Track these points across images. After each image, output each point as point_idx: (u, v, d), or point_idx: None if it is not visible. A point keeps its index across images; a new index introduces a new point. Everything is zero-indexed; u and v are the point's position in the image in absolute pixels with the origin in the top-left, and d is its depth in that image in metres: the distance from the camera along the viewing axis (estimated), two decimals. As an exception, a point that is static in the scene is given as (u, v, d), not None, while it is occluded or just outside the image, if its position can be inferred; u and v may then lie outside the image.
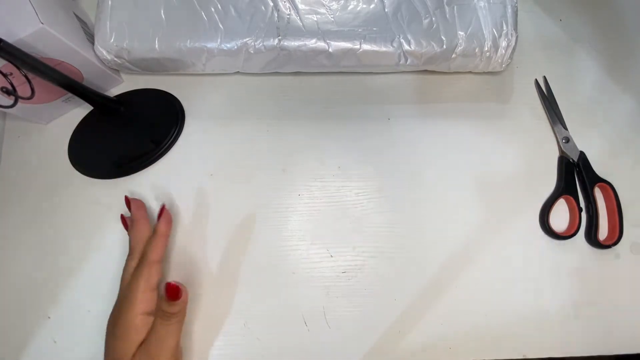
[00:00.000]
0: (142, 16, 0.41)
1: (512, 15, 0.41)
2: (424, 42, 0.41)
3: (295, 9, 0.41)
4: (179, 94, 0.45)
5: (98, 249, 0.40)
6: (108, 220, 0.41)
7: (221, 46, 0.40)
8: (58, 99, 0.42)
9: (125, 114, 0.43)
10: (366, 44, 0.40)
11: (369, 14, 0.41)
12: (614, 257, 0.41)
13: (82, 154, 0.43)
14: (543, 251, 0.41)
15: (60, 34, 0.36)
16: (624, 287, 0.40)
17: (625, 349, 0.39)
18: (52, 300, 0.39)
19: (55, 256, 0.40)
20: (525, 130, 0.44)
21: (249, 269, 0.39)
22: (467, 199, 0.41)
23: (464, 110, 0.44)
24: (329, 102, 0.45)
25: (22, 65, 0.33)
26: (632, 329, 0.39)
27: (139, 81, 0.45)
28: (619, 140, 0.44)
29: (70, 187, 0.42)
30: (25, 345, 0.38)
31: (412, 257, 0.40)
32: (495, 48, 0.41)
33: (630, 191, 0.42)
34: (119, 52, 0.41)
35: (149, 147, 0.42)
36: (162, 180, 0.42)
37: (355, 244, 0.40)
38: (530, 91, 0.46)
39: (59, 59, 0.38)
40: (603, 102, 0.46)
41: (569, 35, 0.48)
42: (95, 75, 0.42)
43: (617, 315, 0.39)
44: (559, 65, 0.47)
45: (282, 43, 0.40)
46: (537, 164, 0.43)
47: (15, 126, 0.44)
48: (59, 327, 0.38)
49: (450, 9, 0.41)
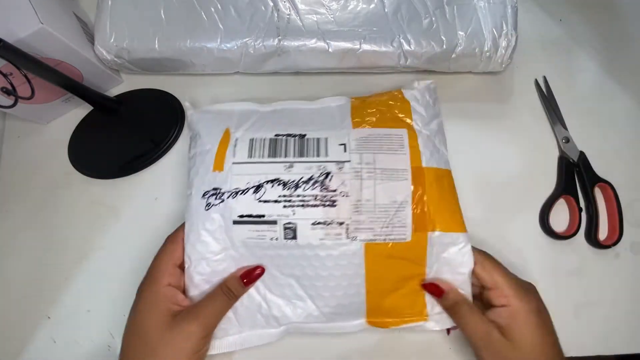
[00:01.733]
0: (142, 16, 0.41)
1: (512, 15, 0.41)
2: (424, 42, 0.41)
3: (295, 9, 0.41)
4: (179, 94, 0.45)
5: (98, 249, 0.40)
6: (108, 220, 0.41)
7: (221, 46, 0.40)
8: (58, 99, 0.42)
9: (125, 114, 0.43)
10: (366, 44, 0.40)
11: (369, 14, 0.41)
12: (614, 257, 0.41)
13: (82, 154, 0.43)
14: (543, 251, 0.41)
15: (60, 34, 0.36)
16: (624, 287, 0.40)
17: (625, 349, 0.38)
18: (52, 300, 0.39)
19: (55, 256, 0.40)
20: (525, 130, 0.44)
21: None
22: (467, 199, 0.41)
23: (464, 110, 0.44)
24: (329, 102, 0.45)
25: (22, 65, 0.33)
26: (632, 329, 0.39)
27: (139, 81, 0.45)
28: (619, 140, 0.44)
29: (70, 187, 0.42)
30: (25, 345, 0.38)
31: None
32: (495, 48, 0.41)
33: (631, 191, 0.42)
34: (119, 52, 0.41)
35: (149, 147, 0.42)
36: (162, 180, 0.42)
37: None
38: (530, 91, 0.46)
39: (59, 59, 0.38)
40: (603, 102, 0.46)
41: (569, 35, 0.48)
42: (95, 75, 0.42)
43: (617, 315, 0.39)
44: (559, 65, 0.47)
45: (282, 43, 0.40)
46: (537, 164, 0.43)
47: (15, 126, 0.44)
48: (59, 327, 0.38)
49: (450, 8, 0.41)
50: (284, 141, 0.35)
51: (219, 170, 0.34)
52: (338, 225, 0.33)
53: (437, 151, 0.36)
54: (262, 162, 0.34)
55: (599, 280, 0.40)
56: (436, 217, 0.34)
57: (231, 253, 0.34)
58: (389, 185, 0.34)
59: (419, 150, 0.35)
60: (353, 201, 0.33)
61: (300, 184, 0.33)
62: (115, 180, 0.42)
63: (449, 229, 0.34)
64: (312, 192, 0.33)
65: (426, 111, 0.38)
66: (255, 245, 0.33)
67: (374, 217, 0.33)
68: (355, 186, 0.33)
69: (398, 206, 0.33)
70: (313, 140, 0.35)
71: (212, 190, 0.34)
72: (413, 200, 0.34)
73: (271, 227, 0.33)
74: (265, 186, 0.33)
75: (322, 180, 0.33)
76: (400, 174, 0.34)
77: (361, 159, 0.34)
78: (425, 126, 0.37)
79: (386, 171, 0.34)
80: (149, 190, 0.42)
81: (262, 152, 0.35)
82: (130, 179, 0.42)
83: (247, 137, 0.35)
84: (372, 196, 0.33)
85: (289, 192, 0.33)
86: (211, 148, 0.35)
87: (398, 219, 0.33)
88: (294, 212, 0.33)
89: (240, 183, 0.34)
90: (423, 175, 0.34)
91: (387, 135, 0.35)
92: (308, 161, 0.34)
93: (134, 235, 0.40)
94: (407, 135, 0.36)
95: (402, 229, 0.33)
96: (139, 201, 0.41)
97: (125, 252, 0.40)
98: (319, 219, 0.33)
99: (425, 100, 0.38)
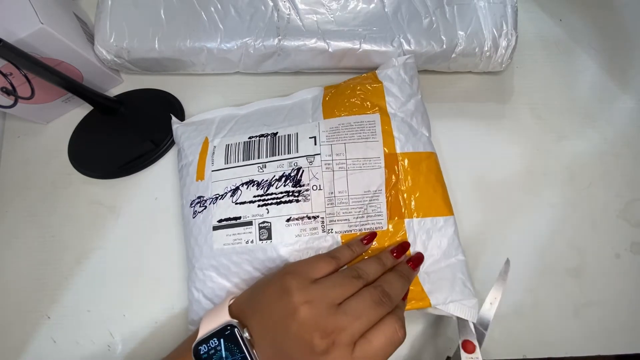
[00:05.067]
0: (142, 16, 0.41)
1: (512, 15, 0.41)
2: (424, 42, 0.41)
3: (295, 9, 0.41)
4: (179, 94, 0.45)
5: (98, 249, 0.40)
6: (108, 220, 0.41)
7: (221, 46, 0.40)
8: (58, 99, 0.42)
9: (125, 114, 0.43)
10: (366, 44, 0.40)
11: (369, 13, 0.41)
12: (614, 257, 0.41)
13: (82, 154, 0.43)
14: (543, 251, 0.41)
15: (60, 34, 0.36)
16: (624, 287, 0.40)
17: (625, 349, 0.38)
18: (52, 300, 0.39)
19: (55, 256, 0.40)
20: (525, 130, 0.44)
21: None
22: (467, 198, 0.41)
23: (464, 110, 0.44)
24: (329, 102, 0.45)
25: (22, 65, 0.33)
26: (632, 329, 0.39)
27: (139, 81, 0.45)
28: (619, 140, 0.44)
29: (70, 187, 0.42)
30: (25, 345, 0.38)
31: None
32: (495, 48, 0.41)
33: (630, 191, 0.42)
34: (118, 52, 0.41)
35: (149, 147, 0.42)
36: (162, 180, 0.42)
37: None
38: (530, 91, 0.46)
39: (59, 59, 0.38)
40: (603, 102, 0.46)
41: (569, 35, 0.48)
42: (95, 75, 0.42)
43: (617, 315, 0.39)
44: (559, 65, 0.47)
45: (282, 43, 0.40)
46: (537, 164, 0.43)
47: (15, 126, 0.44)
48: (59, 327, 0.38)
49: (450, 8, 0.41)
50: (256, 142, 0.36)
51: (201, 179, 0.36)
52: (313, 219, 0.33)
53: (414, 134, 0.36)
54: (238, 166, 0.35)
55: (599, 280, 0.40)
56: (414, 203, 0.34)
57: (212, 262, 0.34)
58: (361, 175, 0.34)
59: (393, 135, 0.35)
60: (326, 194, 0.33)
61: (272, 182, 0.34)
62: (115, 180, 0.42)
63: (429, 214, 0.34)
64: (285, 189, 0.33)
65: (401, 91, 0.37)
66: (232, 251, 0.34)
67: (348, 207, 0.33)
68: (327, 179, 0.33)
69: (372, 195, 0.33)
70: (284, 137, 0.35)
71: (197, 199, 0.35)
72: (387, 188, 0.33)
73: (247, 229, 0.33)
74: (240, 189, 0.34)
75: (294, 176, 0.34)
76: (372, 162, 0.34)
77: (332, 150, 0.34)
78: (401, 107, 0.36)
79: (358, 161, 0.34)
80: (149, 190, 0.42)
81: (237, 156, 0.35)
82: (130, 179, 0.42)
83: (223, 143, 0.36)
84: (344, 187, 0.33)
85: (262, 191, 0.34)
86: (193, 159, 0.37)
87: (372, 208, 0.33)
88: (267, 210, 0.33)
89: (220, 189, 0.35)
90: (397, 161, 0.34)
91: (358, 123, 0.35)
92: (279, 159, 0.35)
93: (134, 235, 0.40)
94: (380, 120, 0.35)
95: (378, 217, 0.33)
96: (139, 201, 0.41)
97: (125, 252, 0.40)
98: (293, 214, 0.33)
99: (401, 79, 0.37)
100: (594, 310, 0.39)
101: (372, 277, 0.29)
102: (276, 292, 0.28)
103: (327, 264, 0.30)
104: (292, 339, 0.26)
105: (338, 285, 0.28)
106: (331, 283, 0.28)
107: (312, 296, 0.27)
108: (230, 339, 0.27)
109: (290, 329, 0.26)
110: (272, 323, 0.27)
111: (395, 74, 0.38)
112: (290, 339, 0.26)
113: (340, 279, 0.28)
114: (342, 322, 0.26)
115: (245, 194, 0.34)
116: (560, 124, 0.44)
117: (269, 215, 0.33)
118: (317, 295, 0.27)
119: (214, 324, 0.28)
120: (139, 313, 0.38)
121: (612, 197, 0.42)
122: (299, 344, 0.26)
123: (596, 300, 0.39)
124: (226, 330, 0.27)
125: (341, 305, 0.27)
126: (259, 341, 0.27)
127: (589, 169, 0.43)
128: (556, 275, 0.40)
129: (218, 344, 0.27)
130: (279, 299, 0.27)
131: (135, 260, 0.40)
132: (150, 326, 0.38)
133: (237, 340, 0.27)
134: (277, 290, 0.28)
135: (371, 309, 0.27)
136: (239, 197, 0.34)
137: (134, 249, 0.40)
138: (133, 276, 0.39)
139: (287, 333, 0.26)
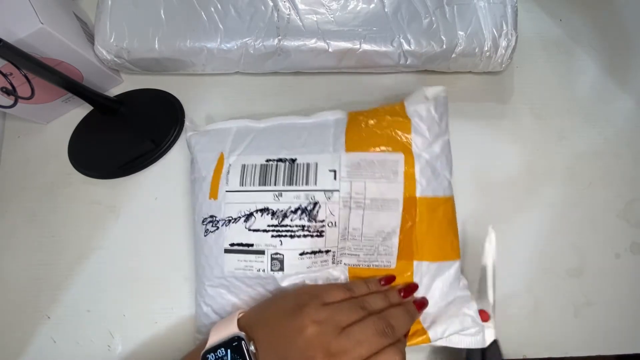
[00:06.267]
0: (142, 16, 0.41)
1: (512, 15, 0.41)
2: (424, 42, 0.41)
3: (295, 9, 0.41)
4: (179, 94, 0.45)
5: (98, 249, 0.40)
6: (108, 220, 0.41)
7: (221, 46, 0.40)
8: (58, 99, 0.42)
9: (125, 114, 0.43)
10: (366, 44, 0.40)
11: (369, 13, 0.41)
12: (614, 257, 0.41)
13: (82, 154, 0.43)
14: (543, 251, 0.41)
15: (60, 34, 0.36)
16: (624, 287, 0.40)
17: (625, 349, 0.38)
18: (52, 300, 0.39)
19: (55, 256, 0.40)
20: (525, 130, 0.44)
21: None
22: (467, 198, 0.41)
23: (464, 110, 0.44)
24: (329, 102, 0.45)
25: (22, 65, 0.33)
26: (632, 329, 0.39)
27: (139, 81, 0.45)
28: (619, 140, 0.44)
29: (70, 187, 0.42)
30: (25, 345, 0.38)
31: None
32: (495, 48, 0.41)
33: (631, 191, 0.42)
34: (118, 52, 0.41)
35: (149, 147, 0.42)
36: (162, 180, 0.42)
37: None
38: (530, 91, 0.46)
39: (59, 59, 0.38)
40: (603, 102, 0.46)
41: (569, 35, 0.48)
42: (95, 75, 0.42)
43: (617, 315, 0.39)
44: (559, 65, 0.47)
45: (282, 43, 0.40)
46: (537, 164, 0.43)
47: (15, 126, 0.44)
48: (59, 327, 0.38)
49: (450, 8, 0.41)
50: (274, 167, 0.35)
51: (214, 198, 0.35)
52: (325, 253, 0.33)
53: (436, 177, 0.35)
54: (253, 190, 0.34)
55: (599, 280, 0.40)
56: (424, 247, 0.34)
57: (223, 282, 0.34)
58: (378, 215, 0.33)
59: (415, 178, 0.34)
60: (340, 229, 0.33)
61: (288, 214, 0.33)
62: (115, 180, 0.42)
63: (437, 258, 0.34)
64: (300, 223, 0.33)
65: (430, 130, 0.35)
66: (243, 275, 0.34)
67: (360, 244, 0.33)
68: (343, 216, 0.33)
69: (385, 235, 0.33)
70: (303, 166, 0.34)
71: (209, 218, 0.35)
72: (401, 230, 0.33)
73: (259, 257, 0.33)
74: (255, 215, 0.34)
75: (310, 211, 0.33)
76: (390, 204, 0.33)
77: (351, 187, 0.33)
78: (427, 149, 0.35)
79: (376, 201, 0.33)
80: (149, 190, 0.42)
81: (253, 179, 0.34)
82: (130, 179, 0.42)
83: (239, 163, 0.35)
84: (359, 225, 0.33)
85: (276, 221, 0.33)
86: (207, 175, 0.36)
87: (384, 247, 0.33)
88: (281, 242, 0.33)
89: (233, 211, 0.34)
90: (415, 205, 0.34)
91: (380, 161, 0.34)
92: (296, 190, 0.34)
93: (134, 235, 0.40)
94: (403, 161, 0.34)
95: (388, 257, 0.34)
96: (139, 201, 0.41)
97: (125, 252, 0.40)
98: (307, 249, 0.33)
99: (431, 117, 0.35)
100: (594, 310, 0.39)
101: (376, 310, 0.30)
102: (290, 307, 0.29)
103: (341, 293, 0.31)
104: (296, 354, 0.27)
105: (345, 310, 0.29)
106: (339, 308, 0.29)
107: (322, 317, 0.28)
108: (236, 351, 0.28)
109: (296, 344, 0.27)
110: (279, 336, 0.28)
111: (425, 110, 0.35)
112: (294, 353, 0.27)
113: (347, 305, 0.30)
114: (345, 345, 0.27)
115: (259, 221, 0.33)
116: (560, 124, 0.44)
117: (282, 247, 0.33)
118: (326, 317, 0.28)
119: (222, 334, 0.29)
120: (139, 313, 0.38)
121: (612, 197, 0.42)
122: (303, 359, 0.27)
123: (596, 300, 0.39)
124: (233, 341, 0.28)
125: (346, 329, 0.28)
126: (264, 354, 0.28)
127: (589, 169, 0.43)
128: (556, 275, 0.40)
129: (225, 354, 0.28)
130: (292, 313, 0.29)
131: (135, 260, 0.40)
132: (150, 326, 0.38)
133: (243, 352, 0.28)
134: (291, 305, 0.29)
135: (374, 337, 0.28)
136: (252, 224, 0.33)
137: (133, 249, 0.40)
138: (133, 276, 0.39)
139: (293, 348, 0.27)
